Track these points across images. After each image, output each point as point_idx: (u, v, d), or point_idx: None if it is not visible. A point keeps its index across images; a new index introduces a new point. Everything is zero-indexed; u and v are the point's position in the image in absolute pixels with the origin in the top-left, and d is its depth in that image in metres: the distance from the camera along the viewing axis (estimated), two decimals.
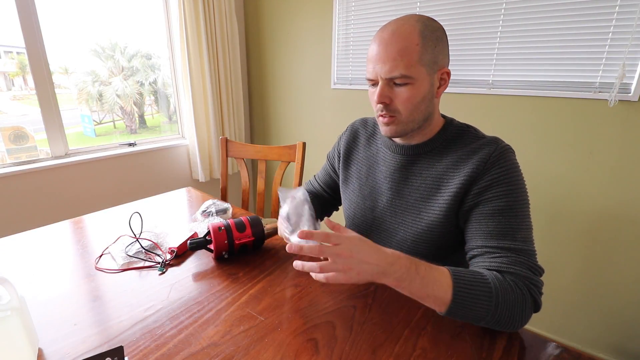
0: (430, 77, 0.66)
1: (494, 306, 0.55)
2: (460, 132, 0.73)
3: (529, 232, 0.64)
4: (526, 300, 0.57)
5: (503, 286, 0.56)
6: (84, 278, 0.77)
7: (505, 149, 0.67)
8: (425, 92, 0.67)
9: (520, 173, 0.66)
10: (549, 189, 1.46)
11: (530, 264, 0.61)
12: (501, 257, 0.61)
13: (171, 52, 2.12)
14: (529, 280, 0.59)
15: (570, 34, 1.30)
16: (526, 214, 0.65)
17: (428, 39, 0.63)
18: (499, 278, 0.58)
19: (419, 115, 0.69)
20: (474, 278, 0.57)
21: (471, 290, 0.55)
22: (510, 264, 0.60)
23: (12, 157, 1.63)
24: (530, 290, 0.58)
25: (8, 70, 1.78)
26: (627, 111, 1.25)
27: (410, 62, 0.63)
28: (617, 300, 1.40)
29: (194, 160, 2.24)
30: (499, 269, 0.60)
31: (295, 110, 2.27)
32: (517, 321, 0.57)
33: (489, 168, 0.65)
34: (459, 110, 1.62)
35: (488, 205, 0.65)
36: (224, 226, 0.84)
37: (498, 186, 0.64)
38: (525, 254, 0.61)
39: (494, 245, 0.63)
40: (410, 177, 0.75)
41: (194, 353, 0.56)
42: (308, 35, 2.07)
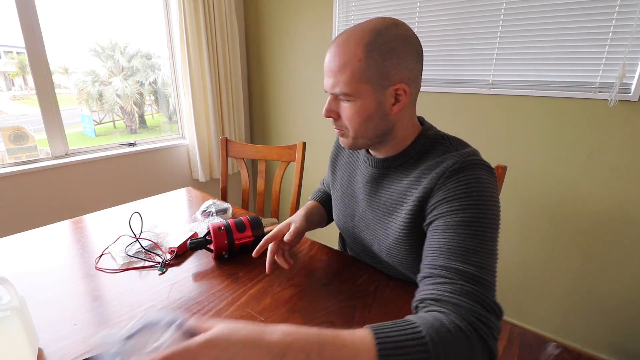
0: (377, 93, 0.59)
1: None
2: (432, 144, 0.65)
3: (488, 259, 0.52)
4: (472, 344, 0.44)
5: (440, 335, 0.43)
6: (84, 278, 0.77)
7: (470, 163, 0.58)
8: (372, 110, 0.61)
9: (487, 189, 0.56)
10: (548, 188, 1.46)
11: (483, 297, 0.48)
12: (446, 284, 0.50)
13: (171, 52, 2.12)
14: (476, 316, 0.46)
15: (570, 34, 1.30)
16: (489, 236, 0.53)
17: (375, 52, 0.57)
18: (435, 326, 0.44)
19: (369, 132, 0.63)
20: (401, 334, 0.43)
21: (402, 355, 0.41)
22: (454, 293, 0.48)
23: (12, 157, 1.63)
24: (477, 329, 0.45)
25: (8, 70, 1.78)
26: (627, 111, 1.25)
27: (351, 78, 0.58)
28: (617, 300, 1.40)
29: (194, 160, 2.24)
30: (438, 298, 0.49)
31: (295, 110, 2.28)
32: None
33: (444, 182, 0.58)
34: (459, 110, 1.62)
35: (442, 220, 0.56)
36: (224, 226, 0.84)
37: (455, 200, 0.56)
38: (477, 282, 0.49)
39: (441, 265, 0.52)
40: (379, 190, 0.71)
41: None
42: (308, 35, 2.07)
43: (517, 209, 1.55)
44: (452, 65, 1.60)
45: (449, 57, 1.60)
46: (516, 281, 1.63)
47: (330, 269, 0.82)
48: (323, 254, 0.90)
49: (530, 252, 1.56)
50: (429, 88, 1.67)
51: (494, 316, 0.47)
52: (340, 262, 0.85)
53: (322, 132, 2.17)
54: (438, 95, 1.66)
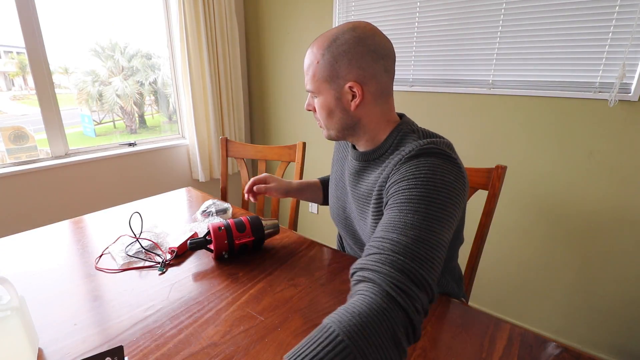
0: (334, 91, 0.67)
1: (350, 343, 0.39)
2: (403, 137, 0.68)
3: (427, 235, 0.50)
4: (390, 315, 0.42)
5: (359, 327, 0.40)
6: (84, 278, 0.77)
7: (427, 150, 0.59)
8: (332, 106, 0.68)
9: (438, 174, 0.56)
10: (548, 188, 1.46)
11: (411, 268, 0.46)
12: (376, 254, 0.49)
13: (171, 52, 2.12)
14: (395, 284, 0.44)
15: (570, 34, 1.30)
16: (432, 215, 0.52)
17: (328, 55, 0.64)
18: (346, 319, 0.41)
19: (335, 125, 0.71)
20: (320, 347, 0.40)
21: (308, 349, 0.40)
22: (380, 262, 0.47)
23: (12, 157, 1.63)
24: (395, 297, 0.43)
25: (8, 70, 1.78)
26: (627, 111, 1.25)
27: (313, 78, 0.68)
28: (617, 300, 1.40)
29: (194, 160, 2.24)
30: (365, 267, 0.49)
31: (295, 110, 2.27)
32: (391, 352, 0.41)
33: (399, 167, 0.61)
34: (459, 110, 1.62)
35: (390, 199, 0.58)
36: (224, 226, 0.84)
37: (402, 181, 0.58)
38: (409, 255, 0.47)
39: (380, 237, 0.52)
40: (360, 182, 0.75)
41: (194, 353, 0.56)
42: (308, 35, 2.06)
43: (516, 209, 1.55)
44: (452, 65, 1.60)
45: (449, 57, 1.60)
46: (516, 281, 1.63)
47: (330, 269, 0.82)
48: (323, 254, 0.90)
49: (530, 252, 1.56)
50: (429, 88, 1.67)
51: (419, 289, 0.45)
52: (340, 262, 0.85)
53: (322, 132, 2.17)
54: (438, 95, 1.66)
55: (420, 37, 1.65)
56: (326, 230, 2.33)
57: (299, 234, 1.01)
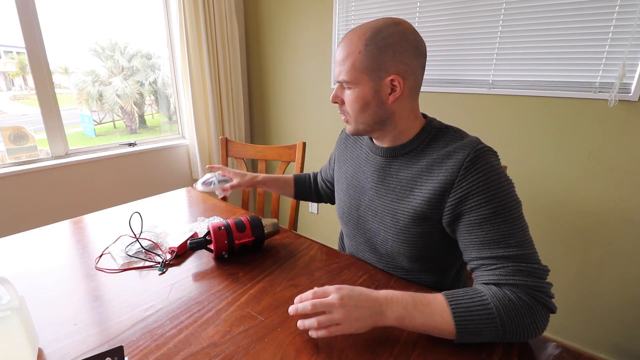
0: (374, 83, 0.66)
1: (500, 326, 0.54)
2: (439, 133, 0.71)
3: (523, 235, 0.61)
4: (533, 310, 0.55)
5: (504, 303, 0.55)
6: (84, 278, 0.77)
7: (481, 152, 0.63)
8: (369, 98, 0.67)
9: (501, 175, 0.62)
10: (548, 188, 1.46)
11: (531, 269, 0.58)
12: (498, 269, 0.59)
13: (171, 52, 2.12)
14: (532, 288, 0.57)
15: (570, 34, 1.30)
16: (516, 216, 0.61)
17: (372, 46, 0.64)
18: (498, 295, 0.56)
19: (367, 119, 0.70)
20: (472, 303, 0.56)
21: (472, 316, 0.54)
22: (509, 275, 0.58)
23: (12, 157, 1.63)
24: (536, 297, 0.56)
25: (8, 70, 1.78)
26: (627, 111, 1.25)
27: (351, 68, 0.66)
28: (617, 300, 1.40)
29: (194, 160, 2.24)
30: (498, 283, 0.58)
31: (295, 110, 2.28)
32: (531, 331, 0.56)
33: (464, 174, 0.62)
34: (459, 110, 1.62)
35: (472, 214, 0.62)
36: (224, 226, 0.84)
37: (478, 194, 0.61)
38: (523, 259, 0.59)
39: (488, 256, 0.61)
40: (387, 178, 0.75)
41: (194, 353, 0.56)
42: (308, 35, 2.07)
43: None
44: (452, 65, 1.60)
45: (449, 57, 1.60)
46: None
47: (330, 269, 0.82)
48: (323, 254, 0.90)
49: None
50: (429, 88, 1.67)
51: (544, 279, 0.59)
52: (340, 262, 0.85)
53: (322, 132, 2.17)
54: (438, 95, 1.66)
55: None
56: (326, 230, 2.33)
57: (299, 234, 1.01)
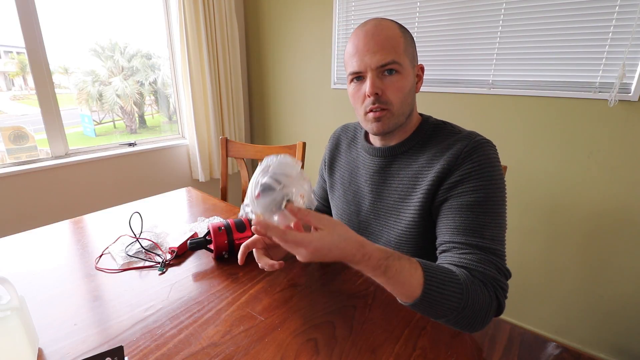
0: (412, 69, 0.67)
1: (461, 307, 0.52)
2: (436, 129, 0.71)
3: (499, 231, 0.61)
4: (491, 303, 0.55)
5: (473, 287, 0.54)
6: (84, 278, 0.77)
7: (480, 143, 0.64)
8: (411, 84, 0.68)
9: (496, 168, 0.63)
10: (549, 188, 1.46)
11: (499, 264, 0.58)
12: (469, 254, 0.59)
13: (171, 52, 2.12)
14: (496, 282, 0.57)
15: (570, 34, 1.30)
16: (498, 211, 0.61)
17: (406, 34, 0.67)
18: (470, 278, 0.55)
19: (407, 108, 0.69)
20: (446, 277, 0.54)
21: (442, 289, 0.52)
22: (479, 262, 0.58)
23: (12, 157, 1.63)
24: (497, 292, 0.56)
25: (8, 70, 1.78)
26: (627, 111, 1.25)
27: (399, 50, 0.64)
28: (617, 300, 1.40)
29: (194, 160, 2.24)
30: (468, 266, 0.58)
31: (295, 110, 2.27)
32: (477, 324, 0.55)
33: (460, 163, 0.63)
34: (459, 110, 1.62)
35: (457, 199, 0.62)
36: (224, 226, 0.84)
37: (469, 181, 0.62)
38: (494, 253, 0.59)
39: (461, 241, 0.60)
40: (388, 178, 0.74)
41: (194, 353, 0.56)
42: (308, 35, 2.06)
43: (517, 209, 1.55)
44: (452, 65, 1.60)
45: (449, 57, 1.60)
46: (516, 281, 1.62)
47: (330, 269, 0.82)
48: None
49: (530, 251, 1.56)
50: (429, 88, 1.67)
51: (505, 279, 0.59)
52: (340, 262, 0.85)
53: (322, 132, 2.17)
54: (438, 95, 1.66)
55: (420, 37, 1.65)
56: None
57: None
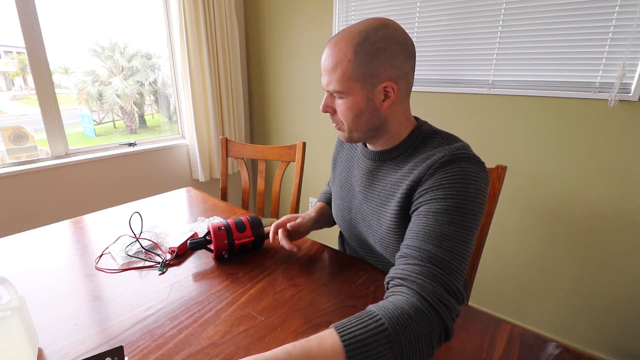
0: (366, 91, 0.63)
1: (398, 352, 0.46)
2: (426, 138, 0.69)
3: (461, 246, 0.55)
4: (431, 324, 0.48)
5: (401, 322, 0.47)
6: (84, 278, 0.77)
7: (459, 156, 0.60)
8: (362, 107, 0.65)
9: (473, 182, 0.58)
10: (548, 188, 1.46)
11: (447, 280, 0.52)
12: (415, 265, 0.54)
13: (171, 52, 2.12)
14: (437, 297, 0.50)
15: (570, 34, 1.30)
16: (466, 226, 0.56)
17: (363, 53, 0.60)
18: (396, 315, 0.47)
19: (362, 127, 0.68)
20: (365, 329, 0.46)
21: (368, 349, 0.45)
22: (421, 275, 0.52)
23: (12, 157, 1.63)
24: (438, 310, 0.49)
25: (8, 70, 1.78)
26: (627, 111, 1.25)
27: (342, 77, 0.62)
28: (617, 300, 1.40)
29: (194, 160, 2.24)
30: (406, 277, 0.53)
31: (295, 110, 2.27)
32: (424, 353, 0.48)
33: (433, 172, 0.61)
34: (459, 110, 1.62)
35: (425, 206, 0.59)
36: (224, 226, 0.84)
37: (438, 189, 0.59)
38: (445, 267, 0.52)
39: (415, 245, 0.56)
40: (375, 181, 0.74)
41: (194, 353, 0.56)
42: (308, 35, 2.07)
43: (517, 209, 1.55)
44: (452, 65, 1.60)
45: (449, 57, 1.60)
46: (516, 281, 1.63)
47: (330, 269, 0.82)
48: (323, 254, 0.90)
49: (530, 251, 1.56)
50: (429, 88, 1.67)
51: (454, 299, 0.51)
52: (340, 262, 0.85)
53: (322, 132, 2.17)
54: (438, 95, 1.66)
55: (420, 37, 1.65)
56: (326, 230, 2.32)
57: None
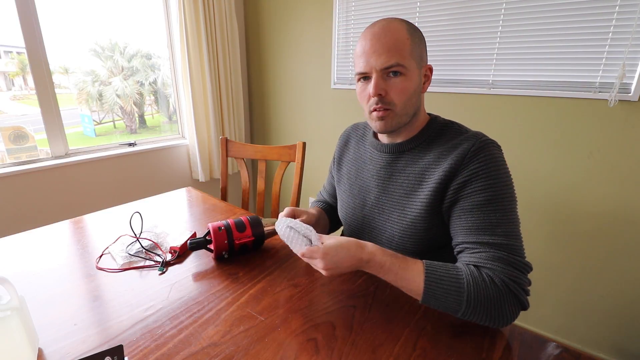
0: (418, 71, 0.69)
1: (465, 301, 0.57)
2: (444, 127, 0.74)
3: (512, 227, 0.62)
4: (502, 297, 0.57)
5: (476, 282, 0.57)
6: (84, 278, 0.77)
7: (486, 143, 0.66)
8: (416, 85, 0.69)
9: (502, 167, 0.65)
10: (549, 188, 1.46)
11: (512, 259, 0.60)
12: (479, 252, 0.61)
13: (171, 52, 2.12)
14: (507, 276, 0.58)
15: (570, 34, 1.30)
16: (508, 208, 0.63)
17: (415, 36, 0.68)
18: (474, 273, 0.58)
19: (411, 109, 0.71)
20: (446, 273, 0.59)
21: (441, 285, 0.58)
22: (488, 260, 0.60)
23: (12, 157, 1.63)
24: (509, 286, 0.58)
25: (8, 70, 1.78)
26: (627, 111, 1.25)
27: (404, 53, 0.66)
28: (617, 300, 1.40)
29: (194, 160, 2.24)
30: (477, 264, 0.60)
31: (295, 110, 2.27)
32: (496, 317, 0.58)
33: (467, 163, 0.65)
34: (459, 110, 1.62)
35: (467, 200, 0.65)
36: (224, 226, 0.84)
37: (477, 181, 0.64)
38: (506, 248, 0.60)
39: (473, 241, 0.63)
40: (395, 174, 0.76)
41: (194, 353, 0.56)
42: (308, 35, 2.06)
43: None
44: (452, 65, 1.60)
45: (449, 57, 1.60)
46: None
47: None
48: None
49: (530, 251, 1.55)
50: (429, 88, 1.67)
51: (523, 273, 0.60)
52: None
53: (322, 132, 2.17)
54: (438, 95, 1.66)
55: None
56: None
57: None
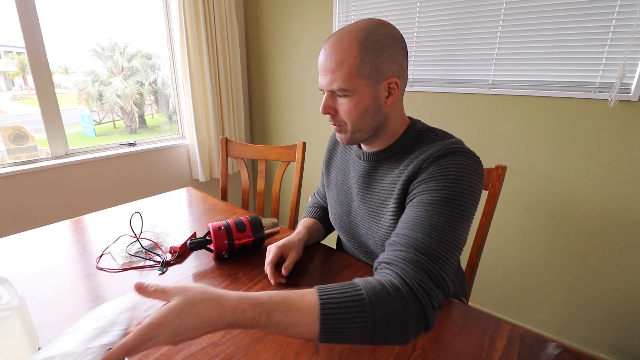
0: (372, 88, 0.63)
1: (370, 324, 0.46)
2: (421, 135, 0.69)
3: (449, 237, 0.55)
4: (408, 309, 0.48)
5: (379, 297, 0.48)
6: (84, 278, 0.77)
7: (453, 150, 0.61)
8: (368, 104, 0.64)
9: (466, 175, 0.59)
10: (548, 189, 1.46)
11: (431, 268, 0.52)
12: (401, 251, 0.54)
13: (171, 52, 2.12)
14: (418, 282, 0.50)
15: (570, 34, 1.30)
16: (456, 216, 0.56)
17: (368, 49, 0.60)
18: (376, 289, 0.49)
19: (365, 125, 0.67)
20: (343, 296, 0.48)
21: (342, 311, 0.46)
22: (405, 260, 0.52)
23: (12, 157, 1.63)
24: (416, 293, 0.49)
25: (8, 70, 1.78)
26: (627, 111, 1.25)
27: (348, 75, 0.61)
28: (617, 300, 1.40)
29: (194, 160, 2.24)
30: (391, 262, 0.53)
31: (295, 110, 2.27)
32: (398, 328, 0.47)
33: (427, 166, 0.61)
34: (459, 110, 1.62)
35: (417, 197, 0.60)
36: (224, 226, 0.84)
37: (432, 180, 0.59)
38: (431, 255, 0.53)
39: (405, 234, 0.56)
40: (372, 183, 0.74)
41: (194, 353, 0.56)
42: (308, 35, 2.07)
43: (517, 209, 1.55)
44: (452, 65, 1.60)
45: (449, 57, 1.60)
46: (516, 281, 1.63)
47: (330, 269, 0.82)
48: (323, 254, 0.90)
49: (530, 251, 1.56)
50: (429, 88, 1.67)
51: (437, 288, 0.51)
52: (340, 262, 0.85)
53: (322, 132, 2.17)
54: (438, 95, 1.66)
55: (420, 37, 1.65)
56: None
57: None
